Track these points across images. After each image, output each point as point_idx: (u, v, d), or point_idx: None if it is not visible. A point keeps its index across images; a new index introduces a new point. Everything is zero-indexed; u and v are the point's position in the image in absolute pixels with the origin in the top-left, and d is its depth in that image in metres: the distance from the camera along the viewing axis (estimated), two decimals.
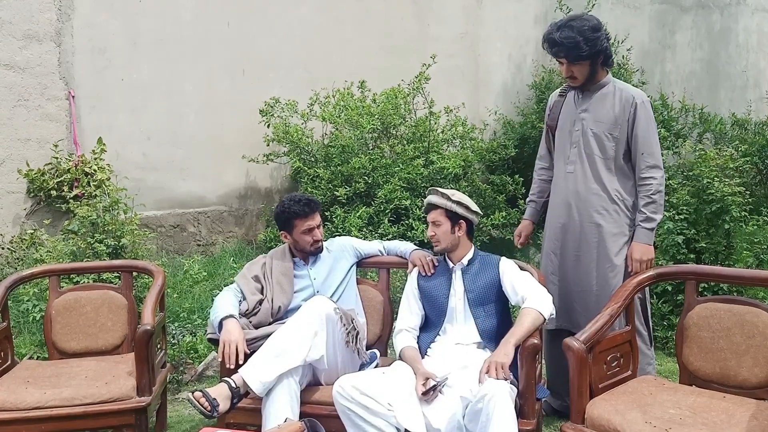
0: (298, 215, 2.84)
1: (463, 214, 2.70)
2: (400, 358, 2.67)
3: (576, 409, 2.30)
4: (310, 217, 2.85)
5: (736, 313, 2.44)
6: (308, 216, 2.85)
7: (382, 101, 5.33)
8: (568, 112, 2.97)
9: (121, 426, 2.67)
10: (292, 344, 2.51)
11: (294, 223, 2.85)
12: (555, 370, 3.07)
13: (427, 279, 2.80)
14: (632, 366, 2.56)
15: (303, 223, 2.84)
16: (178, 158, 5.42)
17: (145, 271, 3.20)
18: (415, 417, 2.37)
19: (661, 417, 2.16)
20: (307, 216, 2.85)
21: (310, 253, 2.91)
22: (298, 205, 2.84)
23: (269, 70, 5.73)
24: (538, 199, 3.18)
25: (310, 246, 2.88)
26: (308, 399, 2.58)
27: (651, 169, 2.81)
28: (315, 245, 2.88)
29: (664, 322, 3.97)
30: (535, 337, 2.45)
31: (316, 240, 2.88)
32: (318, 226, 2.88)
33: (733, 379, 2.40)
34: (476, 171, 5.64)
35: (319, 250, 2.91)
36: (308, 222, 2.85)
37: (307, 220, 2.84)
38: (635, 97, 2.83)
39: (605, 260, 2.85)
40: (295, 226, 2.85)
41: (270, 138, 5.30)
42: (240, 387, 2.48)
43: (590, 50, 2.75)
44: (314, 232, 2.87)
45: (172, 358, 3.63)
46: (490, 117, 6.53)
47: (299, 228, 2.85)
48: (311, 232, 2.86)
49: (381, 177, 5.05)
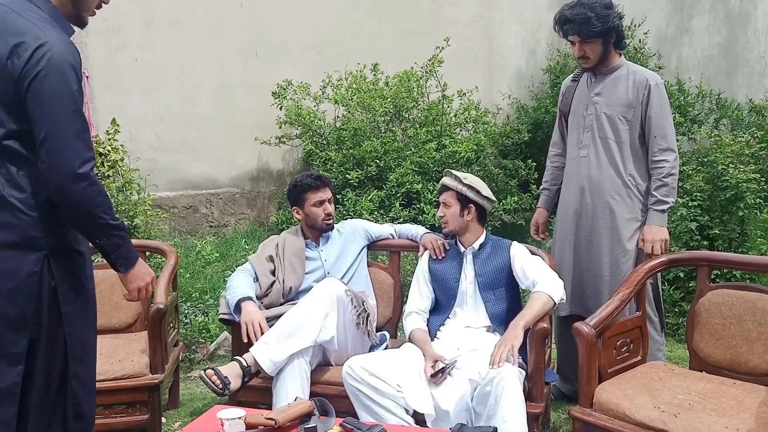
0: (309, 188, 2.87)
1: (473, 198, 2.70)
2: (409, 341, 2.69)
3: (584, 393, 2.31)
4: (321, 189, 2.87)
5: (748, 300, 2.43)
6: (319, 188, 2.87)
7: (395, 84, 5.30)
8: (581, 96, 2.94)
9: (134, 402, 2.72)
10: (303, 325, 2.53)
11: (305, 197, 2.87)
12: (565, 354, 3.07)
13: (437, 262, 2.80)
14: (642, 351, 2.56)
15: (314, 195, 2.86)
16: (191, 140, 5.44)
17: (158, 250, 3.24)
18: (423, 398, 2.39)
19: (669, 402, 2.17)
20: (318, 188, 2.87)
21: (322, 229, 2.91)
22: (309, 179, 2.89)
23: (282, 52, 5.72)
24: (552, 187, 3.16)
25: (321, 220, 2.88)
26: (318, 379, 2.61)
27: (664, 152, 2.78)
28: (327, 219, 2.88)
29: (675, 308, 3.96)
30: (544, 321, 2.46)
31: (327, 213, 2.88)
32: (329, 201, 2.89)
33: (744, 366, 2.40)
34: (489, 155, 5.60)
35: (330, 226, 2.92)
36: (319, 194, 2.86)
37: (318, 192, 2.86)
38: (649, 80, 2.80)
39: (617, 245, 2.84)
40: (306, 199, 2.87)
41: (282, 120, 5.30)
42: (251, 366, 2.51)
43: (602, 26, 2.73)
44: (325, 205, 2.87)
45: (184, 337, 3.67)
46: (504, 101, 6.47)
47: (310, 201, 2.86)
48: (322, 205, 2.87)
49: (393, 160, 5.04)
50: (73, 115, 1.69)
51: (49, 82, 1.66)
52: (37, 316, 1.75)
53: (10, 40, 1.67)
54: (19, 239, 1.72)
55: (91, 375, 1.92)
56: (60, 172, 1.67)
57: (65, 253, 1.80)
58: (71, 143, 1.68)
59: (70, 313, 1.80)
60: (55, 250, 1.77)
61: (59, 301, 1.78)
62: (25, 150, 1.72)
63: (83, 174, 1.68)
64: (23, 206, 1.72)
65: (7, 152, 1.72)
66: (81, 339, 1.85)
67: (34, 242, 1.73)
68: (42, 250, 1.74)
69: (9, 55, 1.67)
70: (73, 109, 1.69)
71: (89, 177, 1.70)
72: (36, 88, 1.66)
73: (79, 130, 1.70)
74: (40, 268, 1.74)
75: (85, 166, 1.69)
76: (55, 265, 1.76)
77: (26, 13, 1.72)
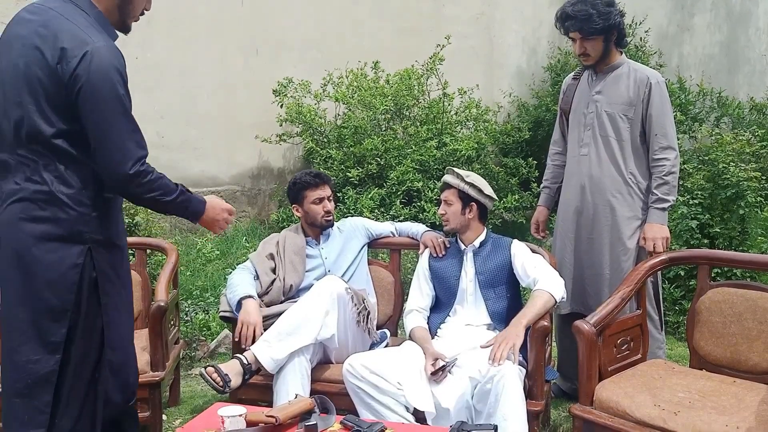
0: (308, 185, 2.87)
1: (475, 196, 2.70)
2: (410, 338, 2.69)
3: (585, 392, 2.31)
4: (320, 187, 2.87)
5: (748, 298, 2.43)
6: (318, 186, 2.87)
7: (396, 82, 5.30)
8: (581, 94, 2.94)
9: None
10: (303, 323, 2.53)
11: (304, 194, 2.87)
12: (565, 352, 3.07)
13: (438, 260, 2.80)
14: (642, 350, 2.56)
15: (313, 193, 2.86)
16: (192, 138, 5.44)
17: (159, 248, 3.24)
18: (424, 396, 2.39)
19: (670, 400, 2.17)
20: (317, 186, 2.87)
21: (321, 227, 2.91)
22: (308, 177, 2.89)
23: (283, 49, 5.71)
24: (552, 185, 3.16)
25: (321, 218, 2.88)
26: (318, 377, 2.61)
27: (664, 150, 2.78)
28: (326, 217, 2.88)
29: (675, 306, 3.96)
30: (545, 320, 2.46)
31: (327, 211, 2.88)
32: (329, 198, 2.89)
33: (744, 364, 2.40)
34: (489, 153, 5.60)
35: (330, 223, 2.92)
36: (318, 192, 2.86)
37: (317, 189, 2.86)
38: (650, 78, 2.80)
39: (618, 243, 2.84)
40: (306, 197, 2.87)
41: (283, 118, 5.30)
42: (252, 364, 2.51)
43: (603, 23, 2.73)
44: (325, 203, 2.87)
45: (185, 335, 3.67)
46: (505, 99, 6.47)
47: (309, 198, 2.86)
48: (322, 203, 2.87)
49: (393, 158, 5.04)
50: (122, 118, 1.81)
51: (97, 88, 1.77)
52: (76, 306, 1.85)
53: (58, 45, 1.77)
54: (65, 233, 1.83)
55: (127, 363, 2.03)
56: (115, 176, 1.82)
57: (106, 246, 1.91)
58: (122, 146, 1.81)
59: (108, 304, 1.91)
60: (97, 243, 1.88)
61: (99, 292, 1.88)
62: (73, 149, 1.82)
63: (135, 174, 1.82)
64: (71, 202, 1.83)
65: (57, 151, 1.81)
66: (117, 328, 1.95)
67: (78, 236, 1.84)
68: (85, 243, 1.85)
69: (59, 60, 1.76)
70: (121, 111, 1.81)
71: (140, 174, 1.83)
72: (85, 94, 1.77)
73: (129, 131, 1.82)
74: (82, 260, 1.84)
75: (136, 166, 1.82)
76: (97, 258, 1.87)
77: (74, 18, 1.81)
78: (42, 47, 1.78)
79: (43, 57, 1.78)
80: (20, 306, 1.85)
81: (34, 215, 1.82)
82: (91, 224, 1.86)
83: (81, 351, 1.87)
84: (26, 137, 1.81)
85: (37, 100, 1.79)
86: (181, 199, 1.96)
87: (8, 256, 1.85)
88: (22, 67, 1.80)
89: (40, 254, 1.82)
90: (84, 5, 1.85)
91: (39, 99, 1.79)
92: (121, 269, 1.98)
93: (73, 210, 1.83)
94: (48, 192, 1.81)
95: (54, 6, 1.83)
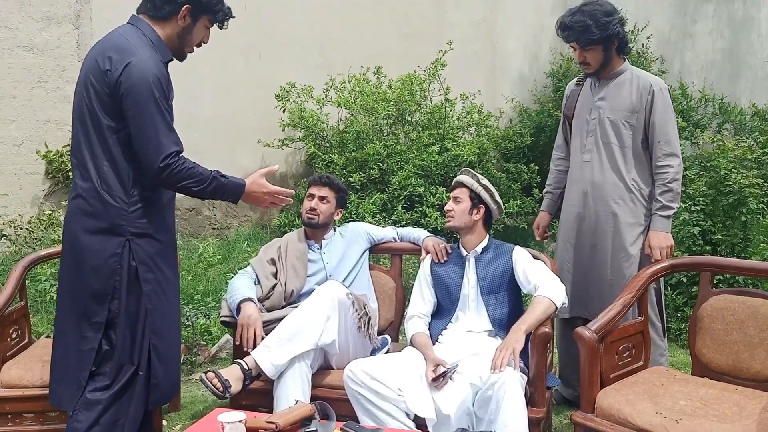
0: (312, 182, 3.01)
1: (485, 199, 2.70)
2: (411, 344, 2.68)
3: (586, 399, 2.31)
4: (319, 186, 2.95)
5: (750, 305, 2.43)
6: (317, 184, 2.96)
7: (398, 87, 5.30)
8: (584, 101, 2.94)
9: None
10: (304, 328, 2.53)
11: (307, 190, 2.99)
12: (567, 359, 3.07)
13: (440, 266, 2.80)
14: (644, 357, 2.55)
15: (310, 189, 2.97)
16: (194, 141, 5.41)
17: None
18: (424, 403, 2.38)
19: (671, 408, 2.16)
20: (317, 184, 2.97)
21: (304, 222, 2.97)
22: (317, 176, 3.04)
23: (285, 54, 5.72)
24: (555, 190, 3.16)
25: (305, 213, 2.94)
26: (319, 382, 2.61)
27: (668, 157, 2.78)
28: (309, 213, 2.93)
29: (677, 313, 3.95)
30: (546, 326, 2.45)
31: (311, 208, 2.92)
32: (321, 198, 2.92)
33: (746, 372, 2.39)
34: (491, 159, 5.60)
35: (311, 221, 2.93)
36: (314, 189, 2.95)
37: (314, 187, 2.96)
38: (653, 84, 2.80)
39: (620, 250, 2.84)
40: (307, 193, 2.99)
41: (285, 123, 5.30)
42: (252, 369, 2.50)
43: (601, 34, 2.73)
44: (315, 201, 2.92)
45: (186, 340, 3.66)
46: (507, 105, 6.48)
47: (307, 193, 2.97)
48: (313, 200, 2.93)
49: (395, 163, 5.04)
50: (158, 117, 2.07)
51: (137, 90, 2.04)
52: (117, 291, 2.11)
53: (108, 55, 2.08)
54: (108, 225, 2.10)
55: (172, 349, 2.25)
56: (149, 169, 2.08)
57: (145, 238, 2.14)
58: (156, 141, 2.07)
59: (149, 291, 2.15)
60: (135, 236, 2.12)
61: (140, 279, 2.13)
62: (118, 146, 2.10)
63: (164, 166, 2.07)
64: (111, 199, 2.10)
65: (105, 151, 2.10)
66: (162, 316, 2.18)
67: (119, 228, 2.11)
68: (124, 236, 2.11)
69: (108, 68, 2.06)
70: (157, 111, 2.07)
71: (170, 166, 2.08)
72: (128, 98, 2.05)
73: (163, 129, 2.08)
74: (121, 250, 2.11)
75: (167, 160, 2.07)
76: (135, 249, 2.12)
77: (130, 36, 2.12)
78: (98, 58, 2.09)
79: (97, 65, 2.08)
80: (72, 288, 2.15)
81: (84, 209, 2.11)
82: (130, 218, 2.11)
83: (125, 334, 2.12)
84: (84, 138, 2.11)
85: (91, 104, 2.09)
86: (214, 187, 2.21)
87: (67, 246, 2.18)
88: (82, 76, 2.13)
89: (88, 243, 2.11)
90: (146, 30, 2.15)
91: (93, 103, 2.09)
92: (163, 261, 2.19)
93: (115, 206, 2.09)
94: (94, 189, 2.10)
95: (120, 29, 2.16)
